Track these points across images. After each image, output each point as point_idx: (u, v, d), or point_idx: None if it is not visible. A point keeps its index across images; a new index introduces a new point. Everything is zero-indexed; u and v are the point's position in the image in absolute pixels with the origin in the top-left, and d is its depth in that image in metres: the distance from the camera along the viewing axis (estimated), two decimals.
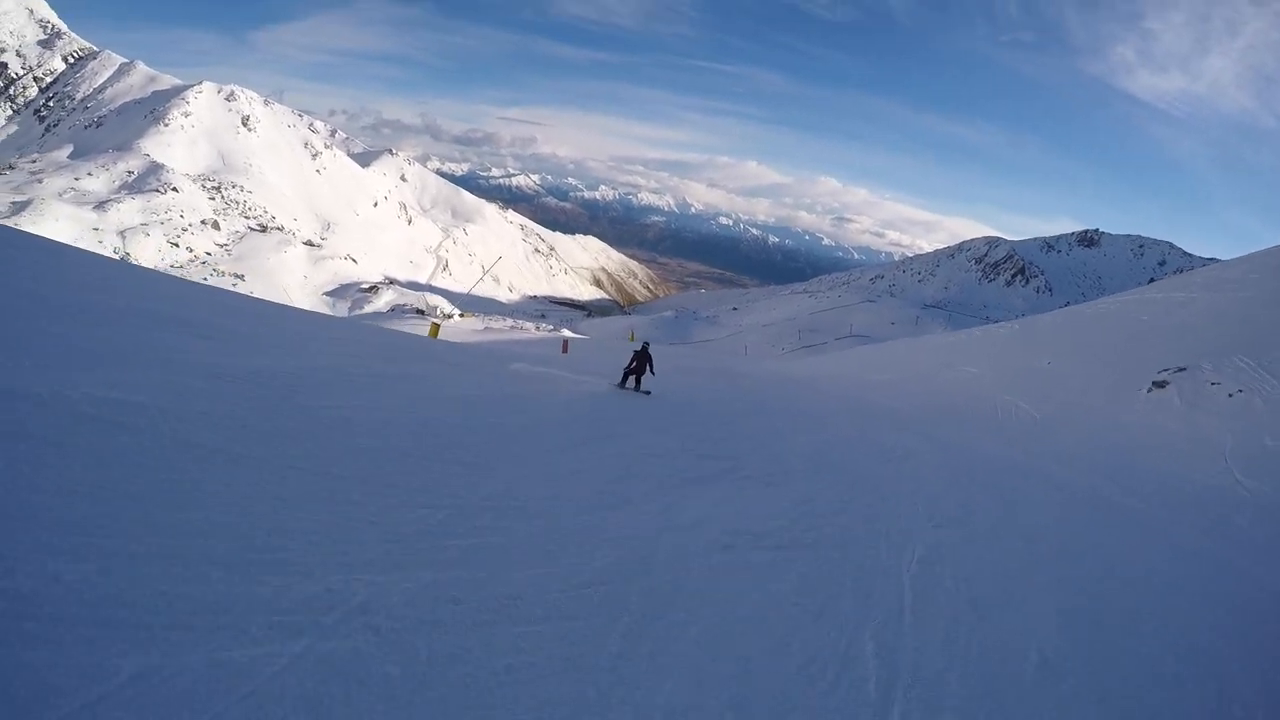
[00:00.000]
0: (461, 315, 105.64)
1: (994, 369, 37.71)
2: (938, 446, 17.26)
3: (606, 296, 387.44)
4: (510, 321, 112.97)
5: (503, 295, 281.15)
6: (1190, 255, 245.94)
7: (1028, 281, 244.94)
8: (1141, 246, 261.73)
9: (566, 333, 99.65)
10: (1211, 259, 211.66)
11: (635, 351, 18.42)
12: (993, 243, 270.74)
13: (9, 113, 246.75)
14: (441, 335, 55.54)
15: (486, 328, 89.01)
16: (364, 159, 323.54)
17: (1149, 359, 31.42)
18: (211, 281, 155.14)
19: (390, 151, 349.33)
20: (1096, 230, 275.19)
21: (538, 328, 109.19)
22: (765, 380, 33.25)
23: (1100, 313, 48.19)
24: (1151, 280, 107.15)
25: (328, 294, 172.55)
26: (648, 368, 18.24)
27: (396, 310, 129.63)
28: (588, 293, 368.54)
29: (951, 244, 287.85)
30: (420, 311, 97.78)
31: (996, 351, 43.84)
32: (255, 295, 42.95)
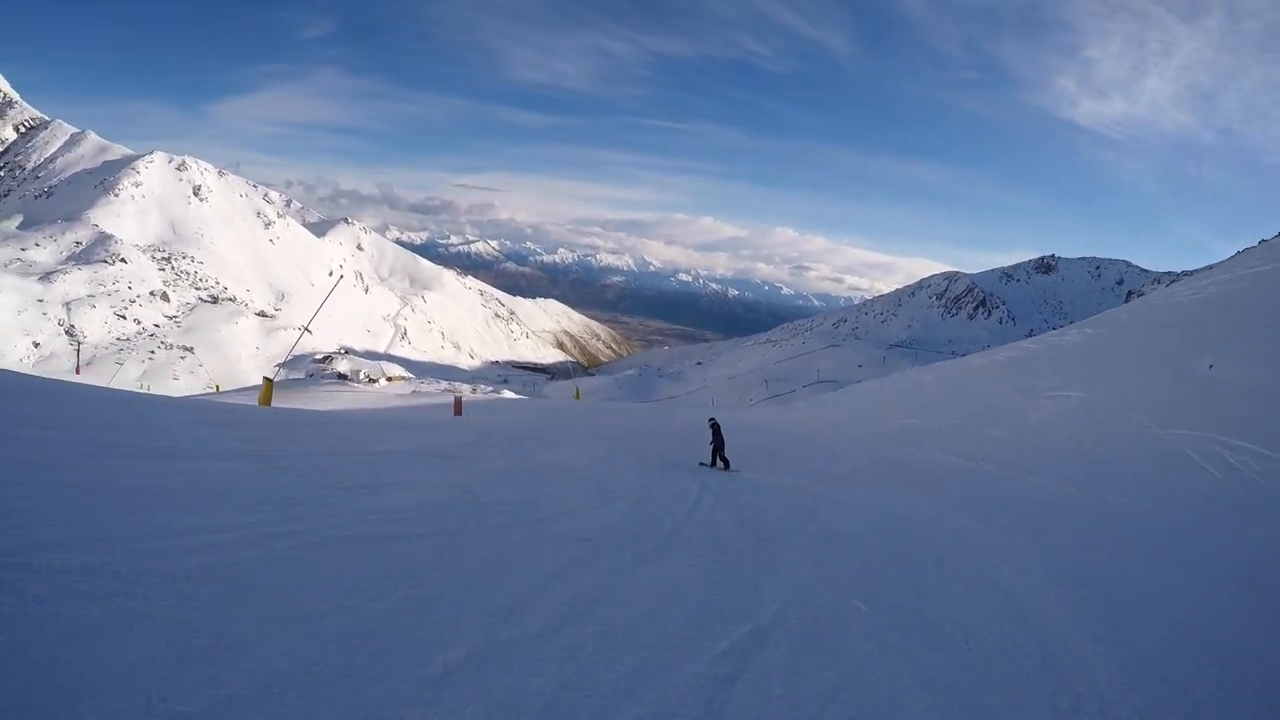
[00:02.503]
0: (389, 379, 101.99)
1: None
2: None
3: (569, 358, 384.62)
4: (444, 384, 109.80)
5: (464, 361, 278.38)
6: (1146, 271, 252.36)
7: (990, 313, 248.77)
8: (1098, 267, 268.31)
9: (463, 391, 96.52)
10: (1167, 272, 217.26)
11: (713, 430, 19.06)
12: (952, 277, 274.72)
13: None
14: (365, 400, 50.86)
15: (414, 391, 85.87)
16: (319, 229, 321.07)
17: None
18: (158, 355, 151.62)
19: (346, 221, 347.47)
20: (1053, 256, 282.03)
21: (474, 390, 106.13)
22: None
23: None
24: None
25: (280, 365, 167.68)
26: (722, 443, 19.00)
27: (314, 376, 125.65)
28: (550, 355, 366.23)
29: (910, 283, 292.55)
30: (342, 376, 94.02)
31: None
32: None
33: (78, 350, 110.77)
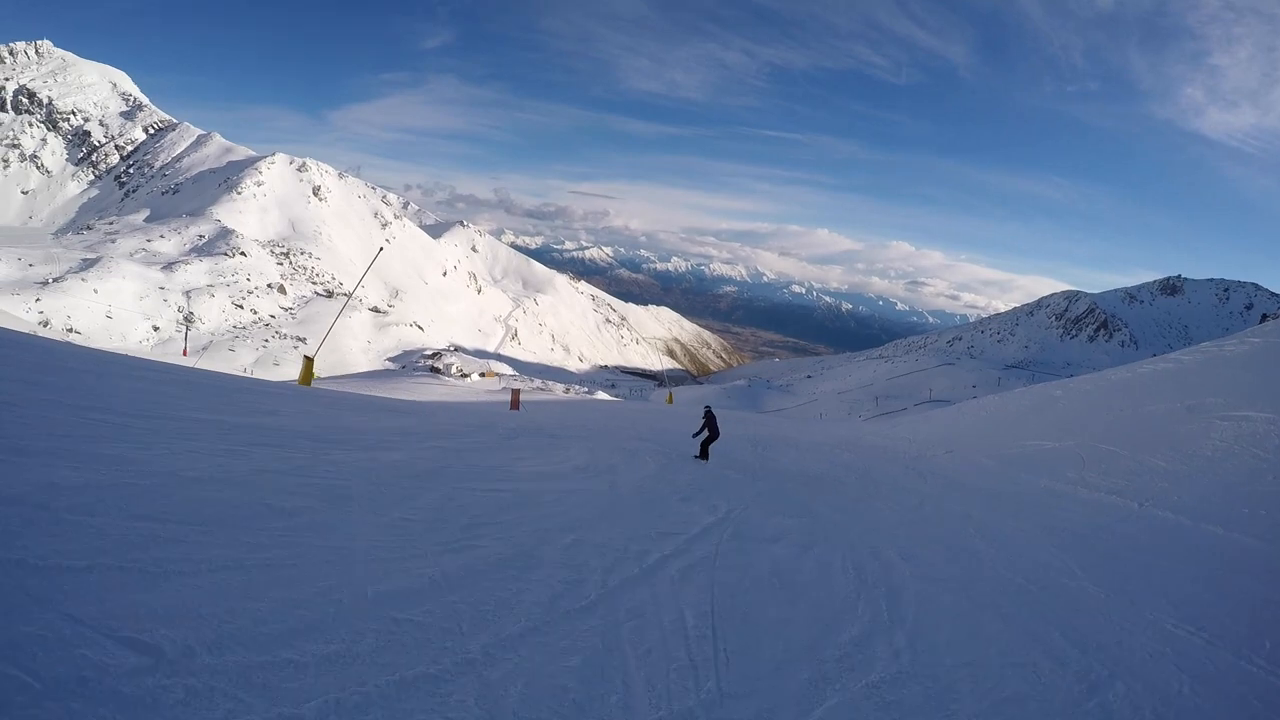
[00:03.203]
0: (483, 375, 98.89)
1: None
2: None
3: (679, 366, 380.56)
4: (538, 383, 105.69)
5: (572, 364, 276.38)
6: (1276, 295, 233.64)
7: (1111, 335, 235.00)
8: (1226, 290, 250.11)
9: (520, 383, 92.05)
10: None
11: (704, 418, 18.64)
12: (1072, 297, 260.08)
13: (91, 178, 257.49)
14: (448, 393, 47.62)
15: (504, 387, 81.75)
16: (435, 230, 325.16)
17: None
18: (271, 344, 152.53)
19: (462, 223, 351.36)
20: (1178, 277, 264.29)
21: (567, 389, 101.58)
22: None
23: None
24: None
25: (391, 359, 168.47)
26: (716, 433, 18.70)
27: (406, 368, 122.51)
28: (660, 363, 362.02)
29: (1028, 302, 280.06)
30: (435, 370, 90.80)
31: None
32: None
33: (185, 334, 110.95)
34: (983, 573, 10.46)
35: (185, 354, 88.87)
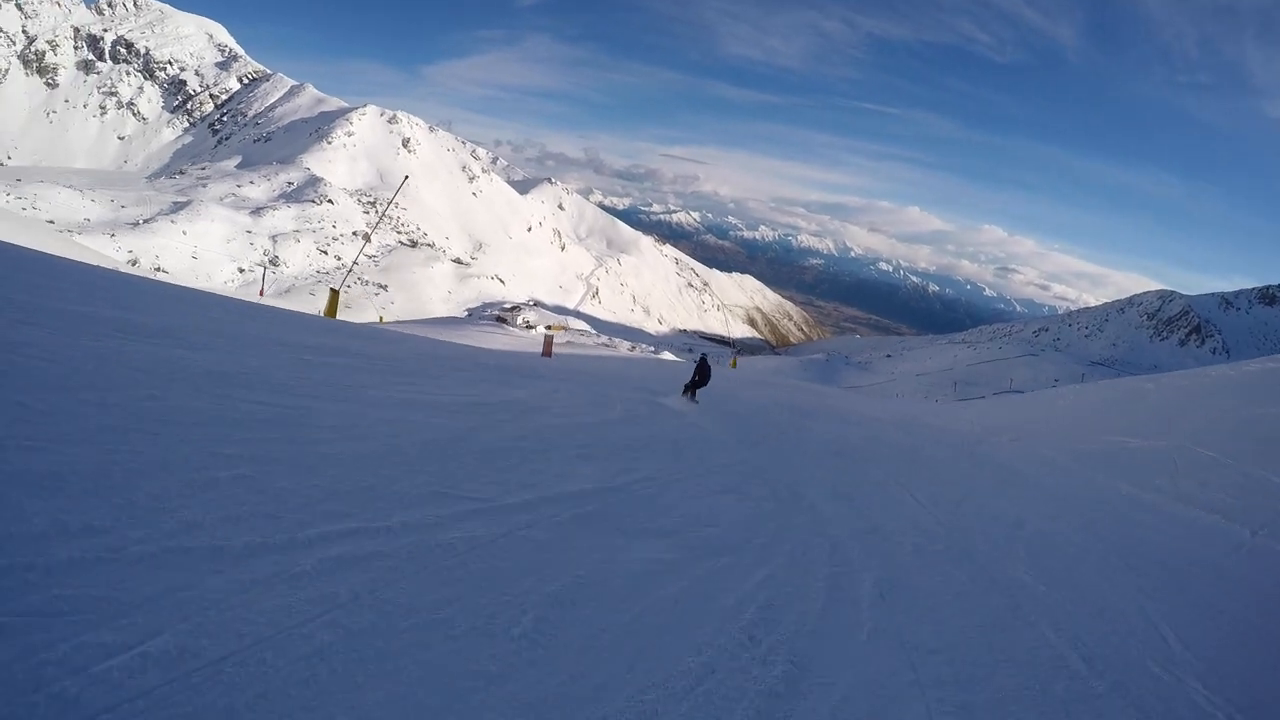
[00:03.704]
0: (549, 328, 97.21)
1: None
2: None
3: (759, 336, 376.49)
4: (604, 338, 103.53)
5: (651, 326, 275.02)
6: None
7: (1203, 341, 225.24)
8: None
9: (552, 330, 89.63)
10: None
11: (697, 364, 18.62)
12: (1166, 297, 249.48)
13: (186, 125, 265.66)
14: (509, 343, 46.65)
15: (569, 341, 79.80)
16: (523, 186, 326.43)
17: None
18: (353, 290, 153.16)
19: (549, 181, 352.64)
20: (1279, 286, 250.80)
21: (633, 348, 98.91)
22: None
23: None
24: None
25: (469, 310, 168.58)
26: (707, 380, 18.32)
27: (473, 316, 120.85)
28: (740, 330, 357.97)
29: (1120, 298, 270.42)
30: (501, 320, 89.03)
31: None
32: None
33: (264, 275, 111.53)
34: (1019, 640, 5.55)
35: (261, 295, 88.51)
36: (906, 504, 10.39)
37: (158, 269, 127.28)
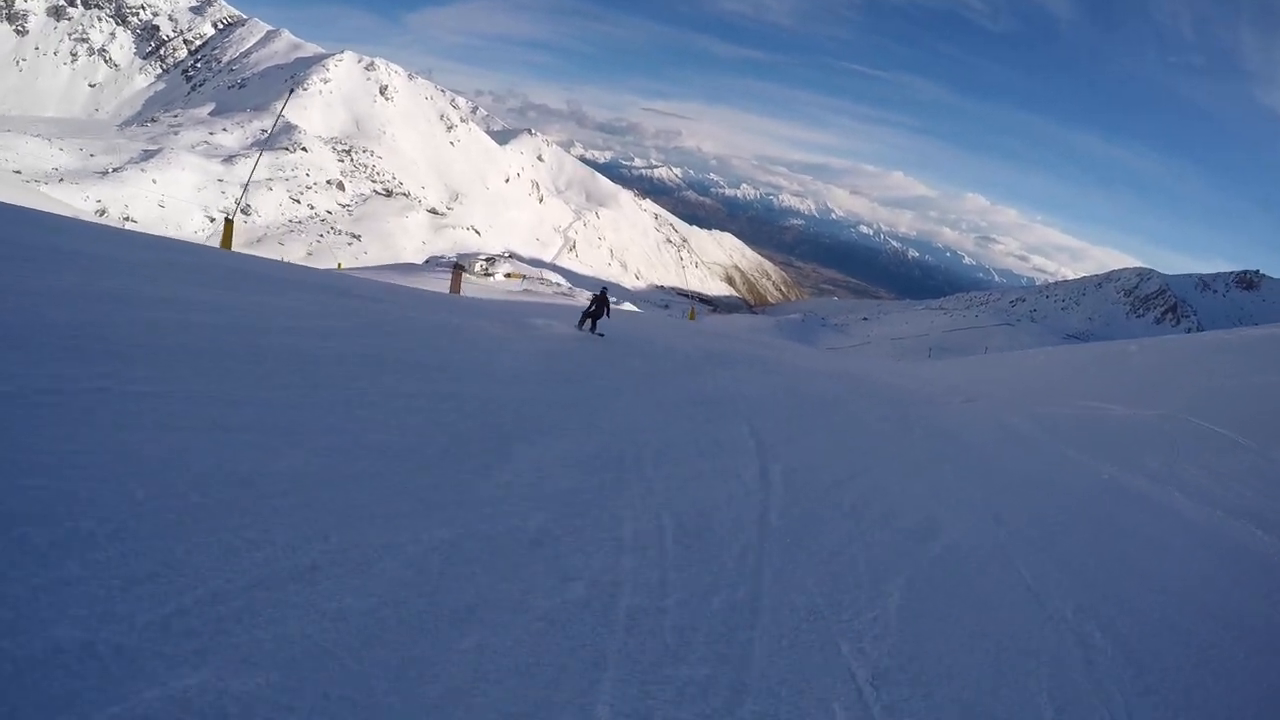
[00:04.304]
0: (508, 275, 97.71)
1: None
2: None
3: (736, 294, 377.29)
4: (566, 287, 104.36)
5: (628, 281, 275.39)
6: None
7: (1179, 321, 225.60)
8: None
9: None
10: None
11: (594, 296, 18.23)
12: (1144, 275, 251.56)
13: (159, 72, 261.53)
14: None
15: (525, 289, 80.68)
16: (502, 137, 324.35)
17: None
18: (326, 239, 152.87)
19: (529, 132, 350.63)
20: (1256, 272, 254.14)
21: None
22: None
23: None
24: None
25: (429, 258, 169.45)
26: (605, 313, 17.88)
27: (430, 262, 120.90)
28: (717, 289, 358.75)
29: (1099, 273, 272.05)
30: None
31: None
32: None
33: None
34: None
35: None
36: (734, 480, 7.12)
37: (126, 219, 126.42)
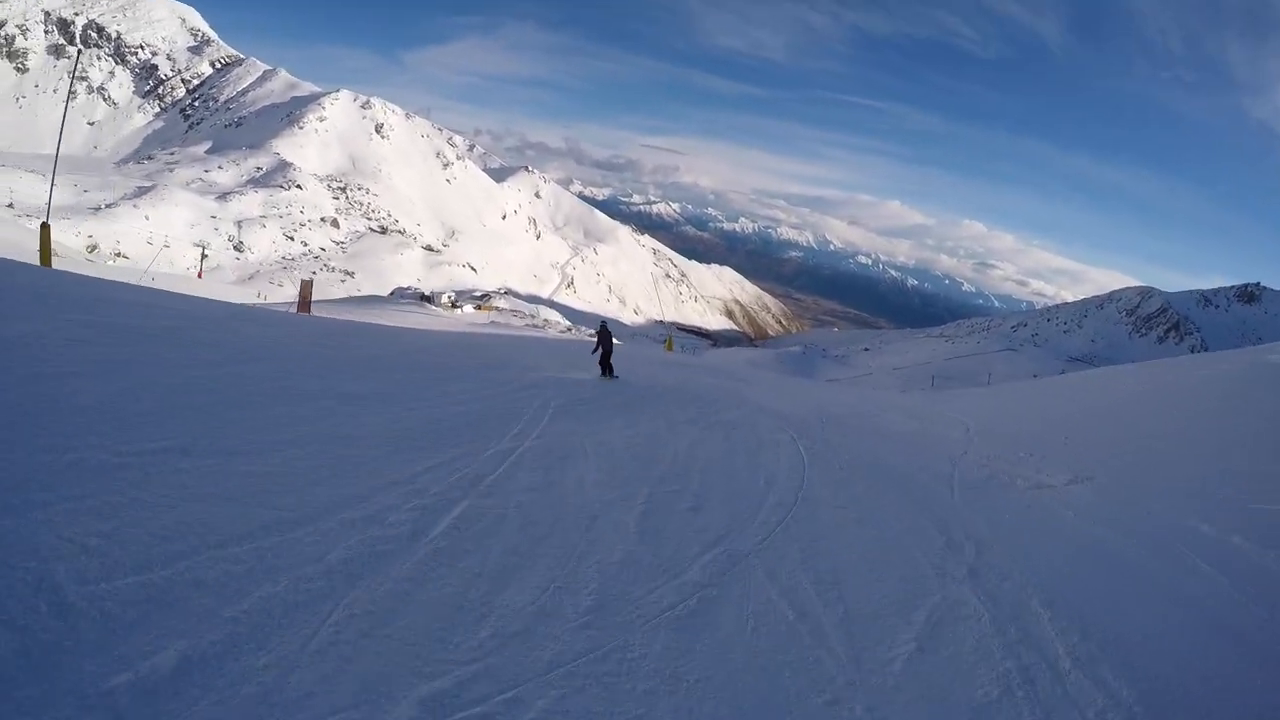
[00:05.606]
0: (478, 308, 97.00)
1: None
2: None
3: (737, 328, 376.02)
4: (531, 313, 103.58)
5: (627, 316, 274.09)
6: None
7: (1181, 339, 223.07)
8: None
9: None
10: None
11: (597, 332, 17.77)
12: (1146, 294, 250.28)
13: (156, 110, 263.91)
14: (424, 322, 45.30)
15: (492, 321, 79.80)
16: (500, 174, 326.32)
17: None
18: (319, 276, 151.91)
19: (527, 169, 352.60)
20: (1258, 285, 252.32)
21: (567, 330, 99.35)
22: None
23: None
24: None
25: (394, 290, 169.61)
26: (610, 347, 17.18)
27: (395, 295, 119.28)
28: (717, 322, 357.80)
29: (1099, 294, 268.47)
30: (425, 298, 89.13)
31: None
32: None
33: (201, 258, 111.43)
34: None
35: (200, 276, 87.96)
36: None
37: (118, 254, 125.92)
